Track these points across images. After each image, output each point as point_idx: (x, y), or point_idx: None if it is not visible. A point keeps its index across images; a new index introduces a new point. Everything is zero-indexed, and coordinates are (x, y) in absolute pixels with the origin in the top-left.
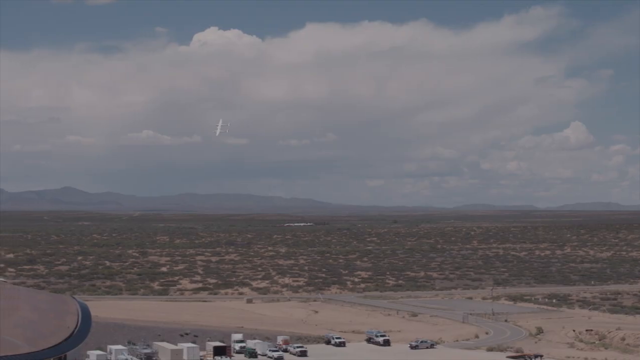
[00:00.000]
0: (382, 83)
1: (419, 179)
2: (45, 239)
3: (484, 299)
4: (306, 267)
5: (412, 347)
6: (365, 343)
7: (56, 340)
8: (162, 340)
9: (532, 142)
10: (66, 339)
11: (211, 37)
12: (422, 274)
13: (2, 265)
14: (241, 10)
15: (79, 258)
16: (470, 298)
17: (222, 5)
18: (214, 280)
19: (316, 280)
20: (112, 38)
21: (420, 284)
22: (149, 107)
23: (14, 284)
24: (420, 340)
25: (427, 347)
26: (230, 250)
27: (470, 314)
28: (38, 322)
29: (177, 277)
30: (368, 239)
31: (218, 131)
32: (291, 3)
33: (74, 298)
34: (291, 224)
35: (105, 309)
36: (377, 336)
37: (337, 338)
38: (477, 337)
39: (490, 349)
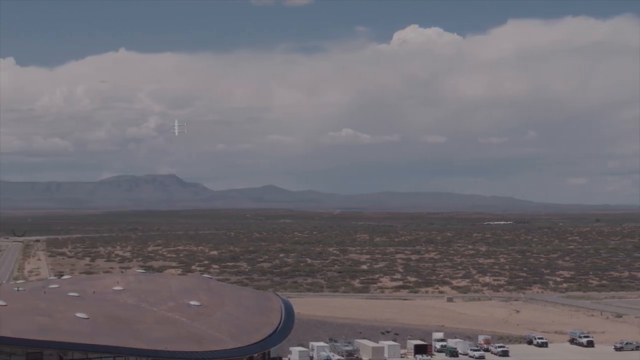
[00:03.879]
0: (583, 79)
1: (623, 176)
2: (248, 237)
3: None
4: (507, 266)
5: (616, 349)
6: (568, 344)
7: (260, 336)
8: (363, 338)
9: None
10: (270, 335)
11: (411, 35)
12: (626, 274)
13: (206, 262)
14: (442, 9)
15: (281, 255)
16: None
17: (423, 4)
18: (414, 279)
19: (517, 280)
20: (313, 38)
21: (625, 284)
22: (348, 106)
23: (218, 280)
24: (625, 341)
25: (632, 349)
26: (430, 248)
27: None
28: (243, 318)
29: (377, 275)
30: (570, 238)
31: (176, 131)
32: (493, 2)
33: (277, 295)
34: (491, 223)
35: (307, 306)
36: (580, 337)
37: (539, 338)
38: None
39: None
